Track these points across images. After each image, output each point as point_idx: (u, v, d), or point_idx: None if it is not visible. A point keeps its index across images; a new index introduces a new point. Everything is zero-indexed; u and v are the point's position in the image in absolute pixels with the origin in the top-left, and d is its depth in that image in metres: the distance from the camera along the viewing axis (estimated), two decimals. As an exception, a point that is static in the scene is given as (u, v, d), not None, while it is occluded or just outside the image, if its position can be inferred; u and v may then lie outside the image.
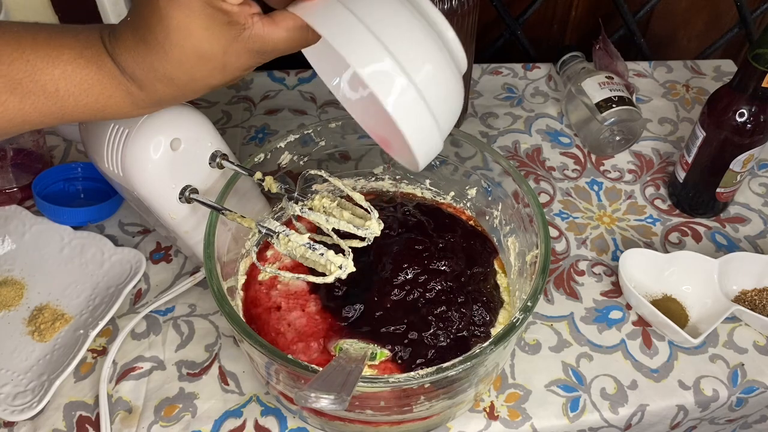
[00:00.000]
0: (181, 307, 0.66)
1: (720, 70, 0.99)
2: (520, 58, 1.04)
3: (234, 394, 0.60)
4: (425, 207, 0.65)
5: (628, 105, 0.81)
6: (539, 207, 0.55)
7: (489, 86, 0.95)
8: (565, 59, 0.92)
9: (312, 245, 0.49)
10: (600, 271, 0.71)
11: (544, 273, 0.51)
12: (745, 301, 0.67)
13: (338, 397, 0.41)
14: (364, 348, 0.53)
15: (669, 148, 0.87)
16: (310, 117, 0.89)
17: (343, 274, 0.49)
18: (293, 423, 0.58)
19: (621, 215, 0.78)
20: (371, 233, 0.51)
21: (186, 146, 0.56)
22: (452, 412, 0.56)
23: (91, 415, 0.58)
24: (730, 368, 0.63)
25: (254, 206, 0.64)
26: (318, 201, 0.54)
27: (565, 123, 0.90)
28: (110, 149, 0.55)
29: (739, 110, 0.67)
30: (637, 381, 0.62)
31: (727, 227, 0.77)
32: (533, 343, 0.65)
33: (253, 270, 0.61)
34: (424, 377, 0.45)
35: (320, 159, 0.65)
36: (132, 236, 0.72)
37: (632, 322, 0.67)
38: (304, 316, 0.57)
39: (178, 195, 0.56)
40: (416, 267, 0.56)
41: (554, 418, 0.59)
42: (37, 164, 0.76)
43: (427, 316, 0.54)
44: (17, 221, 0.71)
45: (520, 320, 0.48)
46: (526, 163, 0.84)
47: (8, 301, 0.66)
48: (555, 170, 0.83)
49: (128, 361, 0.62)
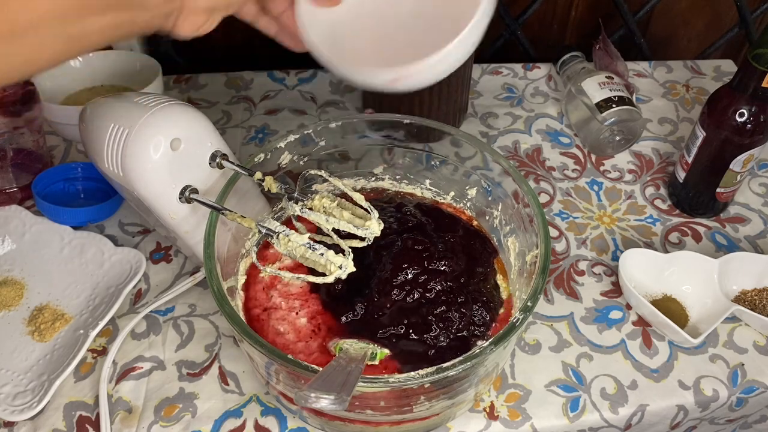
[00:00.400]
0: (181, 307, 0.66)
1: (720, 70, 1.00)
2: (520, 58, 1.04)
3: (234, 394, 0.60)
4: (425, 207, 0.65)
5: (628, 105, 0.81)
6: (539, 207, 0.55)
7: (489, 86, 0.95)
8: (565, 59, 0.92)
9: (312, 245, 0.49)
10: (600, 271, 0.71)
11: (544, 273, 0.51)
12: (745, 301, 0.67)
13: (338, 397, 0.41)
14: (364, 348, 0.53)
15: (669, 148, 0.87)
16: (310, 117, 0.89)
17: (343, 274, 0.49)
18: (293, 423, 0.58)
19: (621, 215, 0.78)
20: (371, 233, 0.51)
21: (186, 146, 0.56)
22: (452, 412, 0.56)
23: (91, 415, 0.58)
24: (730, 368, 0.63)
25: (254, 206, 0.64)
26: (318, 201, 0.54)
27: (565, 123, 0.90)
28: (110, 149, 0.55)
29: (739, 110, 0.67)
30: (637, 381, 0.62)
31: (727, 227, 0.77)
32: (533, 343, 0.65)
33: (253, 270, 0.61)
34: (424, 377, 0.45)
35: (320, 159, 0.65)
36: (132, 236, 0.72)
37: (632, 322, 0.67)
38: (305, 316, 0.57)
39: (178, 195, 0.56)
40: (416, 267, 0.56)
41: (554, 418, 0.59)
42: (37, 164, 0.76)
43: (427, 316, 0.54)
44: (17, 221, 0.71)
45: (520, 320, 0.48)
46: (526, 163, 0.84)
47: (8, 301, 0.66)
48: (555, 170, 0.83)
49: (128, 361, 0.62)
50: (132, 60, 0.89)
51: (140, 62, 0.89)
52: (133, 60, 0.89)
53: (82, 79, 0.88)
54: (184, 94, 0.92)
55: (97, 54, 0.89)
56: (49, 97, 0.82)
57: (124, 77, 0.89)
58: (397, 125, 0.64)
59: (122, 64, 0.89)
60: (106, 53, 0.89)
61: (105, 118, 0.55)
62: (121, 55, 0.90)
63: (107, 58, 0.89)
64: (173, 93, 0.92)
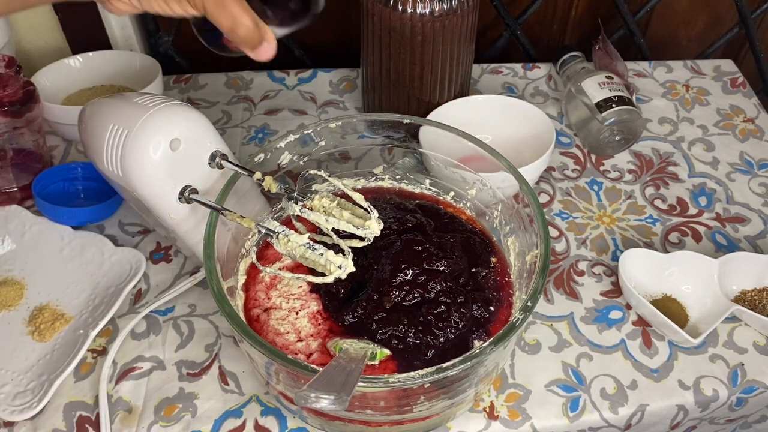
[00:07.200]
0: (181, 307, 0.66)
1: (720, 70, 0.99)
2: (520, 58, 1.04)
3: (234, 394, 0.60)
4: (425, 207, 0.65)
5: (628, 105, 0.81)
6: (539, 207, 0.55)
7: (489, 86, 0.95)
8: (565, 59, 0.92)
9: (311, 245, 0.49)
10: (600, 271, 0.71)
11: (543, 273, 0.51)
12: (745, 301, 0.67)
13: (338, 397, 0.41)
14: (364, 348, 0.53)
15: (669, 148, 0.87)
16: (310, 117, 0.89)
17: (342, 274, 0.49)
18: (293, 423, 0.58)
19: (621, 215, 0.78)
20: (371, 233, 0.51)
21: (185, 146, 0.56)
22: (452, 412, 0.56)
23: (91, 415, 0.58)
24: (730, 368, 0.63)
25: (254, 206, 0.64)
26: (318, 201, 0.54)
27: (565, 123, 0.90)
28: (110, 149, 0.55)
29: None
30: (637, 381, 0.62)
31: (727, 227, 0.77)
32: (533, 343, 0.65)
33: (253, 270, 0.61)
34: (424, 377, 0.45)
35: (320, 159, 0.65)
36: (132, 236, 0.72)
37: (632, 322, 0.67)
38: (304, 316, 0.57)
39: (178, 195, 0.56)
40: (416, 267, 0.56)
41: (554, 418, 0.59)
42: (37, 164, 0.76)
43: (427, 316, 0.54)
44: (17, 221, 0.71)
45: (520, 320, 0.48)
46: (526, 163, 0.84)
47: (8, 301, 0.66)
48: (555, 170, 0.83)
49: (128, 361, 0.62)
50: (132, 60, 0.89)
51: (140, 62, 0.89)
52: (133, 60, 0.89)
53: (82, 79, 0.88)
54: (184, 94, 0.92)
55: (97, 54, 0.89)
56: (49, 97, 0.82)
57: (124, 77, 0.89)
58: (397, 125, 0.64)
59: (122, 64, 0.89)
60: (106, 53, 0.90)
61: (105, 119, 0.55)
62: (121, 55, 0.90)
63: (107, 58, 0.89)
64: (173, 93, 0.92)
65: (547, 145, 0.73)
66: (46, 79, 0.85)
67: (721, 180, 0.82)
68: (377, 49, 0.77)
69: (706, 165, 0.85)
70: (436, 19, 0.73)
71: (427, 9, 0.72)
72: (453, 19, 0.74)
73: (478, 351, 0.46)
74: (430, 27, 0.73)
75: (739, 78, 0.98)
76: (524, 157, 0.75)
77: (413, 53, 0.76)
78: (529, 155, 0.75)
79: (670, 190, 0.81)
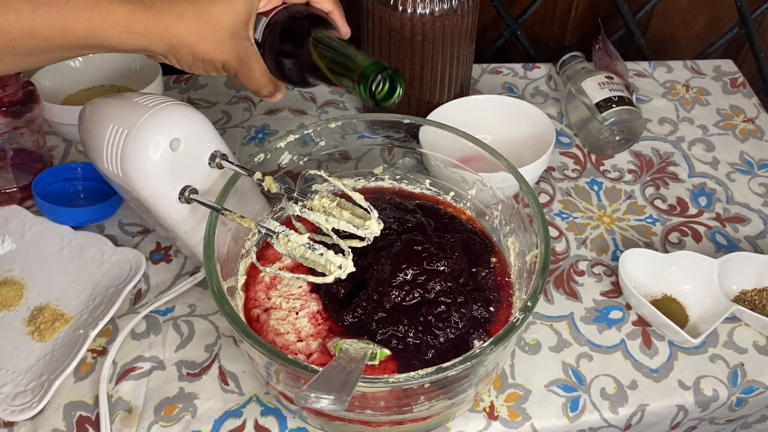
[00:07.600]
0: (181, 307, 0.66)
1: (720, 70, 0.99)
2: (520, 58, 1.04)
3: (234, 394, 0.60)
4: (425, 207, 0.65)
5: (628, 105, 0.81)
6: (539, 207, 0.55)
7: (489, 86, 0.95)
8: (565, 59, 0.92)
9: (311, 245, 0.49)
10: (600, 271, 0.71)
11: (544, 273, 0.51)
12: (745, 301, 0.67)
13: (338, 397, 0.41)
14: (364, 348, 0.53)
15: (669, 148, 0.87)
16: (310, 117, 0.89)
17: (342, 274, 0.49)
18: (293, 423, 0.58)
19: (621, 215, 0.78)
20: (371, 233, 0.51)
21: (185, 146, 0.56)
22: (452, 412, 0.56)
23: (91, 415, 0.58)
24: (730, 368, 0.63)
25: (254, 206, 0.64)
26: (318, 201, 0.54)
27: (565, 123, 0.90)
28: (110, 149, 0.55)
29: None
30: (637, 381, 0.62)
31: (727, 227, 0.77)
32: (533, 343, 0.65)
33: (253, 270, 0.61)
34: (424, 377, 0.45)
35: (320, 159, 0.65)
36: (132, 236, 0.72)
37: (632, 322, 0.67)
38: (304, 316, 0.57)
39: (178, 195, 0.56)
40: (416, 267, 0.56)
41: (554, 418, 0.59)
42: (37, 164, 0.76)
43: (426, 316, 0.54)
44: (17, 221, 0.71)
45: (520, 320, 0.48)
46: (526, 163, 0.84)
47: (8, 301, 0.66)
48: (555, 170, 0.83)
49: (128, 361, 0.62)
50: (132, 60, 0.89)
51: (140, 62, 0.89)
52: (133, 60, 0.89)
53: (82, 79, 0.88)
54: (184, 94, 0.92)
55: (97, 54, 0.89)
56: (49, 97, 0.82)
57: (124, 77, 0.89)
58: (397, 125, 0.64)
59: (122, 64, 0.89)
60: (106, 53, 0.89)
61: (104, 119, 0.55)
62: (121, 56, 0.90)
63: (107, 58, 0.89)
64: (173, 93, 0.92)
65: (547, 145, 0.73)
66: (46, 79, 0.85)
67: (721, 180, 0.83)
68: (377, 49, 0.77)
69: (706, 165, 0.85)
70: (436, 19, 0.73)
71: (427, 9, 0.72)
72: (453, 19, 0.74)
73: (478, 351, 0.46)
74: (430, 27, 0.73)
75: (739, 78, 0.98)
76: (524, 157, 0.75)
77: (413, 53, 0.76)
78: (529, 155, 0.75)
79: (670, 190, 0.81)
